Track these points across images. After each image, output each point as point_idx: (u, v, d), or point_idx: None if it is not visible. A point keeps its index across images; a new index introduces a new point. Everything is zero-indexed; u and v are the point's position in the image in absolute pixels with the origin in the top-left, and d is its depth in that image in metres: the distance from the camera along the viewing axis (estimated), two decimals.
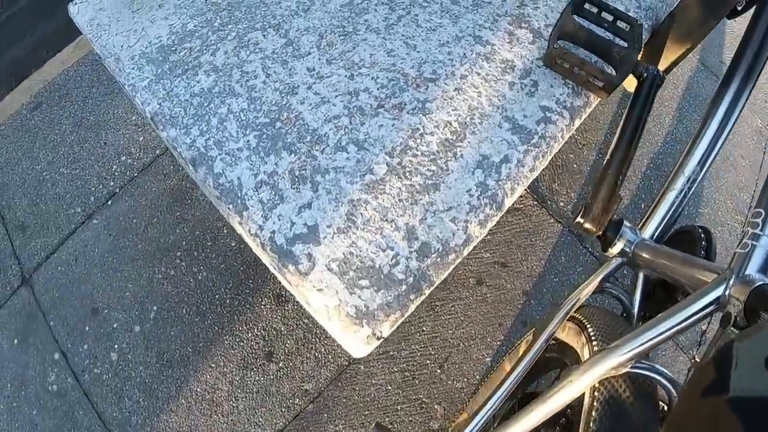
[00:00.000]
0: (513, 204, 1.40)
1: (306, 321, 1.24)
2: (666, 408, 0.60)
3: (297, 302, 1.27)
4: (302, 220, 0.75)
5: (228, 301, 1.27)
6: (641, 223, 0.86)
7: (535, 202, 1.40)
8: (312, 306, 0.74)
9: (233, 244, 1.31)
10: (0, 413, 1.42)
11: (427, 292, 0.74)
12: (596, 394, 0.56)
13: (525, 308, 1.28)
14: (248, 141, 0.82)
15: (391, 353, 1.23)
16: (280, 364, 1.23)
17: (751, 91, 0.93)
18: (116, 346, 1.32)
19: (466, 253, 0.78)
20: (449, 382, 1.21)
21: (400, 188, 0.79)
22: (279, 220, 0.75)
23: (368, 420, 1.20)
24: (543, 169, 1.50)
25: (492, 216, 0.81)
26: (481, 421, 0.74)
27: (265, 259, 0.77)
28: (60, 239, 1.45)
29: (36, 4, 2.07)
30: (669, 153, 1.57)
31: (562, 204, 1.40)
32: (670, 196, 0.87)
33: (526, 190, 1.42)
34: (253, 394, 1.23)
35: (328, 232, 0.75)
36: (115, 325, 1.33)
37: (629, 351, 0.53)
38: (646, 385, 0.57)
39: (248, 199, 0.78)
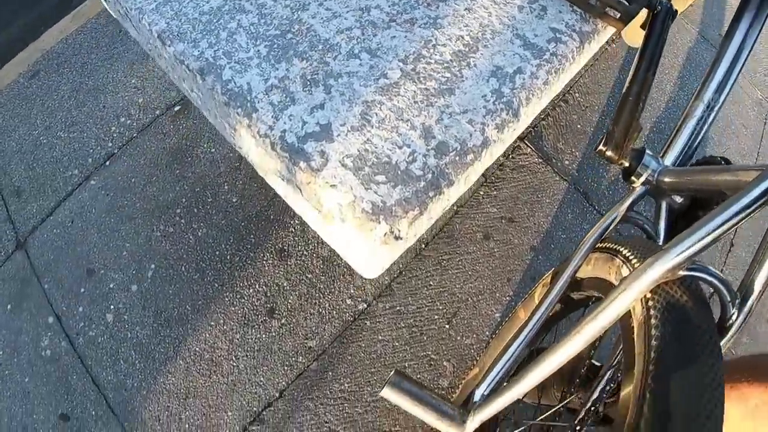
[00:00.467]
0: (518, 161, 1.39)
1: (309, 276, 1.21)
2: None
3: (300, 257, 1.23)
4: (314, 120, 0.73)
5: (228, 257, 1.24)
6: (662, 152, 0.85)
7: (541, 160, 1.38)
8: (324, 208, 0.71)
9: (234, 200, 1.28)
10: None
11: (447, 191, 0.71)
12: (651, 303, 0.53)
13: (533, 263, 1.25)
14: (258, 50, 0.80)
15: (398, 308, 1.19)
16: (283, 321, 1.18)
17: (764, 22, 0.93)
18: (112, 307, 1.28)
19: (485, 157, 0.76)
20: (458, 338, 1.17)
21: (414, 91, 0.77)
22: (290, 120, 0.73)
23: (374, 378, 1.16)
24: (549, 130, 1.49)
25: (508, 122, 0.79)
26: (500, 373, 0.72)
27: (273, 164, 0.74)
28: (56, 202, 1.41)
29: None
30: (671, 118, 1.56)
31: (567, 163, 1.38)
32: (690, 124, 0.87)
33: (532, 148, 1.40)
34: (254, 352, 1.18)
35: (341, 130, 0.72)
36: (111, 286, 1.29)
37: (687, 249, 0.50)
38: (700, 290, 0.55)
39: (258, 102, 0.76)
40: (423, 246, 1.24)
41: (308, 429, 1.16)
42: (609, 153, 0.75)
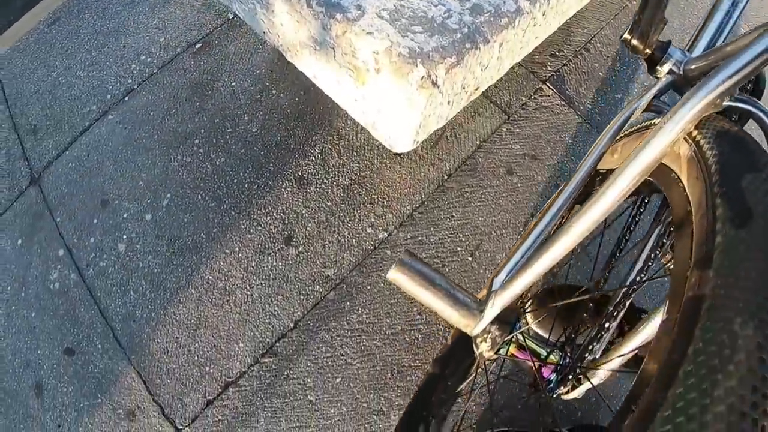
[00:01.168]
0: (540, 102, 1.36)
1: (329, 204, 1.18)
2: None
3: (320, 184, 1.21)
4: None
5: (247, 186, 1.22)
6: (688, 46, 0.83)
7: (563, 102, 1.36)
8: (359, 61, 0.69)
9: (254, 130, 1.27)
10: None
11: (482, 48, 0.69)
12: (698, 135, 0.50)
13: None
14: None
15: (420, 238, 1.16)
16: (300, 249, 1.16)
17: None
18: (125, 237, 1.26)
19: (520, 24, 0.74)
20: (481, 271, 1.14)
21: None
22: None
23: (394, 309, 1.13)
24: (571, 75, 1.47)
25: None
26: (520, 262, 0.68)
27: (307, 29, 0.73)
28: (73, 137, 1.41)
29: None
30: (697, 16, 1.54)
31: (589, 107, 1.36)
32: (717, 17, 0.85)
33: (554, 90, 1.38)
34: (269, 281, 1.15)
35: None
36: (125, 215, 1.27)
37: (731, 76, 0.47)
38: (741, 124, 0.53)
39: None
40: (445, 177, 1.22)
41: (323, 361, 1.12)
42: (634, 42, 0.74)
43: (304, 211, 1.20)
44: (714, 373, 0.27)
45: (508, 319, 0.64)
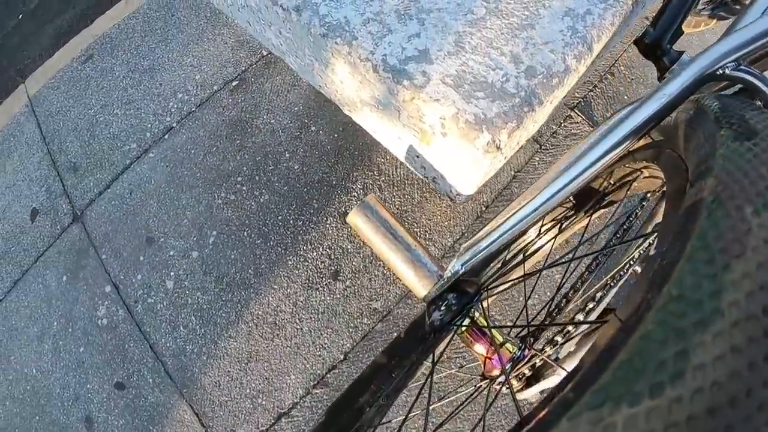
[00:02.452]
0: (569, 129, 1.44)
1: None
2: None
3: (348, 223, 1.28)
4: (413, 46, 0.79)
5: (291, 222, 1.29)
6: None
7: (591, 128, 1.43)
8: (425, 124, 0.76)
9: (296, 167, 1.34)
10: (44, 353, 1.42)
11: (537, 109, 0.77)
12: (698, 98, 0.48)
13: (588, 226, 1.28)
14: None
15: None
16: (347, 283, 1.23)
17: None
18: (172, 274, 1.33)
19: (567, 83, 0.81)
20: (521, 298, 1.21)
21: (500, 25, 0.84)
22: (389, 46, 0.79)
23: None
24: (597, 100, 1.55)
25: (584, 54, 0.86)
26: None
27: (371, 89, 0.81)
28: (114, 175, 1.48)
29: None
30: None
31: None
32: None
33: (582, 116, 1.45)
34: (318, 314, 1.22)
35: (438, 54, 0.78)
36: (171, 253, 1.34)
37: (738, 42, 0.48)
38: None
39: (357, 32, 0.82)
40: (483, 209, 1.29)
41: None
42: (646, 45, 0.80)
43: (349, 246, 1.27)
44: (726, 256, 0.24)
45: (467, 290, 0.60)
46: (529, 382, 0.69)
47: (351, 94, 0.87)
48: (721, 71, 0.49)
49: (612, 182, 0.81)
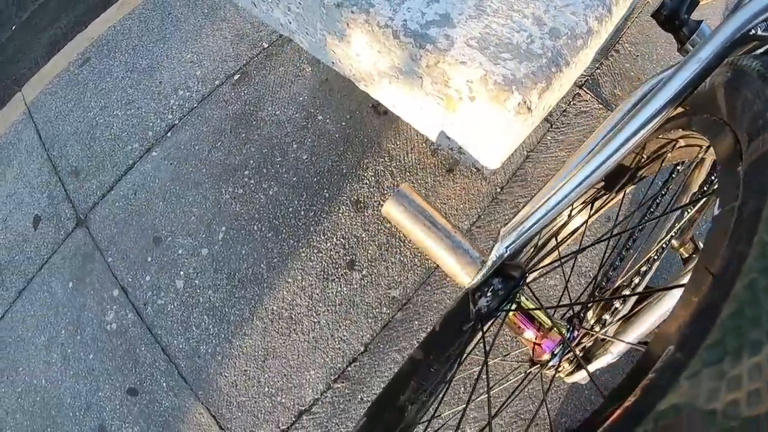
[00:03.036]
0: (579, 107, 1.42)
1: (388, 225, 1.23)
2: None
3: (377, 207, 1.26)
4: (432, 11, 0.78)
5: (303, 213, 1.27)
6: None
7: (601, 106, 1.43)
8: (451, 87, 0.74)
9: (305, 157, 1.32)
10: (53, 362, 1.40)
11: (565, 70, 0.76)
12: (737, 60, 0.49)
13: None
14: None
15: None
16: (364, 272, 1.21)
17: None
18: (182, 273, 1.31)
19: (591, 45, 0.80)
20: (540, 279, 1.18)
21: None
22: (408, 11, 0.78)
23: None
24: (605, 78, 1.54)
25: (605, 16, 0.84)
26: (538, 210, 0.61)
27: (392, 58, 0.79)
28: (117, 176, 1.47)
29: None
30: None
31: None
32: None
33: (591, 94, 1.44)
34: (335, 306, 1.20)
35: (460, 18, 0.77)
36: (180, 252, 1.33)
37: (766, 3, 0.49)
38: None
39: None
40: (498, 190, 1.27)
41: None
42: (664, 16, 0.79)
43: (363, 235, 1.25)
44: None
45: (512, 274, 0.59)
46: (579, 364, 0.69)
47: (368, 66, 0.86)
48: (753, 32, 0.49)
49: (644, 156, 0.79)
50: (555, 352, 0.64)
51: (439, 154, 1.35)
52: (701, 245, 0.77)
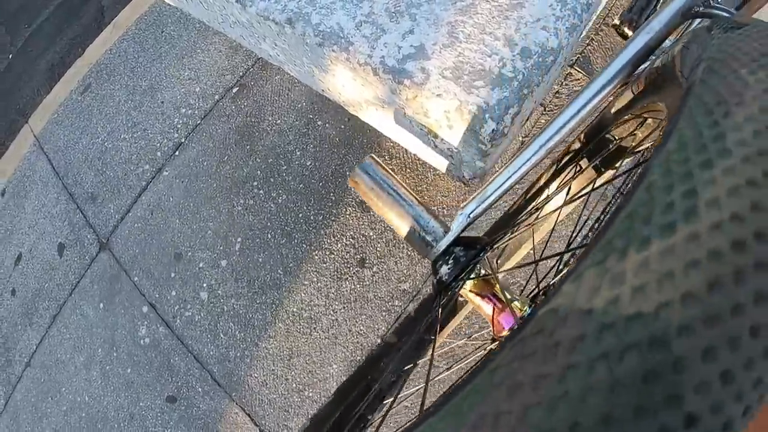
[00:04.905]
0: (571, 87, 1.57)
1: None
2: None
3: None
4: (408, 43, 0.95)
5: (312, 218, 1.46)
6: None
7: None
8: (431, 117, 0.91)
9: (309, 164, 1.51)
10: (93, 380, 1.61)
11: (536, 89, 0.91)
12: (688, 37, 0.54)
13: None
14: None
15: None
16: (374, 269, 1.39)
17: None
18: (205, 285, 1.51)
19: (562, 57, 0.96)
20: (542, 263, 1.35)
21: (490, 9, 0.98)
22: (385, 47, 0.95)
23: (471, 312, 1.35)
24: (596, 54, 1.67)
25: (576, 26, 0.99)
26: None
27: (374, 91, 0.96)
28: (132, 198, 1.67)
29: (60, 10, 2.36)
30: None
31: None
32: None
33: (582, 73, 1.58)
34: (351, 303, 1.39)
35: (434, 48, 0.93)
36: (201, 265, 1.52)
37: None
38: None
39: (351, 37, 0.97)
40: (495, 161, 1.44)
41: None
42: (625, 29, 0.92)
43: (371, 233, 1.44)
44: (724, 107, 0.24)
45: (474, 244, 0.63)
46: None
47: (354, 96, 1.03)
48: (696, 9, 0.58)
49: (615, 137, 0.92)
50: (514, 328, 0.69)
51: None
52: None
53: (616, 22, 0.94)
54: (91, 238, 1.75)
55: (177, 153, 1.71)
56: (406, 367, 0.60)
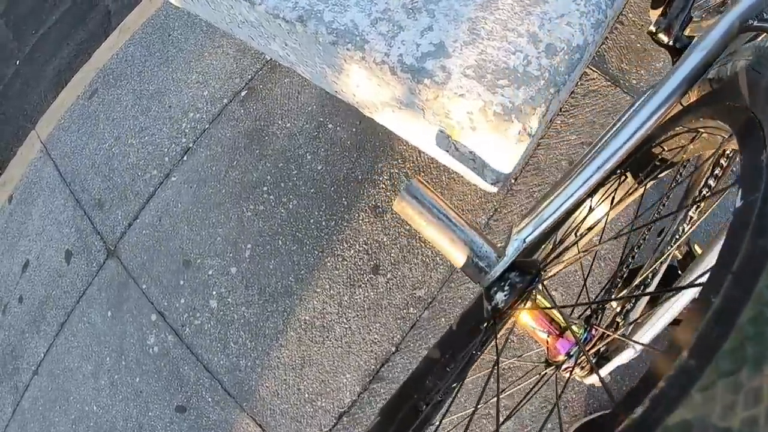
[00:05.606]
0: (587, 87, 1.52)
1: (408, 227, 1.37)
2: None
3: (396, 211, 1.39)
4: (427, 41, 0.90)
5: (324, 223, 1.42)
6: None
7: (609, 83, 1.52)
8: (453, 120, 0.87)
9: (320, 168, 1.47)
10: (102, 389, 1.58)
11: (563, 88, 0.86)
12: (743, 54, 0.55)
13: None
14: None
15: (500, 245, 1.33)
16: (388, 276, 1.35)
17: None
18: (214, 293, 1.47)
19: (588, 55, 0.91)
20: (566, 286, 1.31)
21: (512, 4, 0.94)
22: (403, 44, 0.90)
23: None
24: (611, 53, 1.63)
25: (601, 21, 0.95)
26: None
27: (391, 91, 0.92)
28: (140, 204, 1.64)
29: (68, 16, 2.33)
30: None
31: (634, 81, 1.52)
32: None
33: (598, 72, 1.54)
34: (364, 311, 1.35)
35: (455, 46, 0.89)
36: (210, 272, 1.49)
37: None
38: None
39: (367, 35, 0.93)
40: (512, 181, 1.39)
41: None
42: (660, 35, 0.88)
43: (384, 239, 1.39)
44: None
45: (529, 269, 0.60)
46: (597, 364, 0.72)
47: (370, 97, 0.99)
48: (751, 22, 0.56)
49: (665, 147, 0.87)
50: (571, 353, 0.66)
51: None
52: (696, 248, 0.86)
53: (652, 29, 0.89)
54: (99, 245, 1.72)
55: (185, 158, 1.68)
56: (453, 385, 0.57)
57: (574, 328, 0.66)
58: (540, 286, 0.62)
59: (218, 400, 1.47)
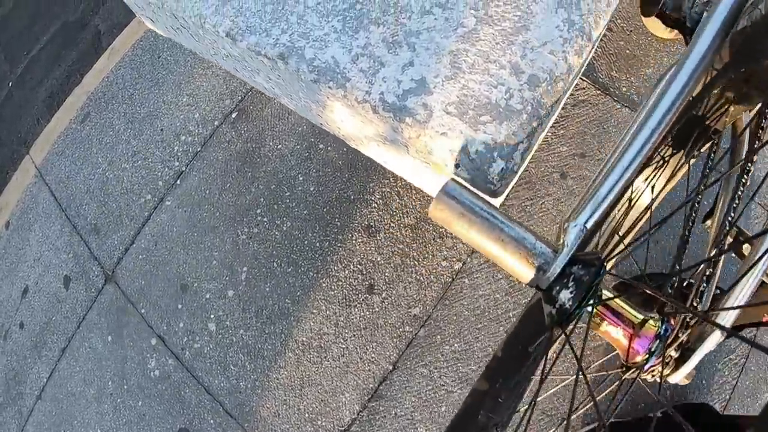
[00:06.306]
0: (577, 96, 1.53)
1: (401, 246, 1.38)
2: None
3: (388, 229, 1.41)
4: (408, 77, 0.90)
5: (318, 245, 1.43)
6: None
7: (599, 92, 1.53)
8: (435, 156, 0.87)
9: (312, 189, 1.48)
10: (105, 413, 1.59)
11: (546, 120, 0.87)
12: None
13: None
14: (333, 26, 0.99)
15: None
16: (383, 295, 1.36)
17: None
18: (212, 316, 1.49)
19: (571, 81, 0.91)
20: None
21: (493, 34, 0.94)
22: (384, 81, 0.91)
23: (482, 333, 1.32)
24: (600, 60, 1.63)
25: (585, 46, 0.95)
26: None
27: (374, 128, 0.92)
28: (136, 229, 1.65)
29: (58, 37, 2.33)
30: None
31: (624, 89, 1.53)
32: None
33: (587, 81, 1.54)
34: (360, 330, 1.36)
35: (436, 81, 0.89)
36: (207, 296, 1.50)
37: None
38: None
39: (348, 72, 0.94)
40: (504, 197, 1.40)
41: (426, 394, 1.33)
42: (672, 14, 0.87)
43: (378, 258, 1.40)
44: None
45: (593, 261, 0.53)
46: (681, 358, 0.65)
47: (354, 131, 0.99)
48: None
49: (706, 111, 0.80)
50: (652, 350, 0.59)
51: None
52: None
53: (665, 9, 0.87)
54: (97, 270, 1.73)
55: (178, 182, 1.68)
56: (507, 418, 0.52)
57: (650, 322, 0.59)
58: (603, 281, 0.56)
59: (220, 422, 1.49)
